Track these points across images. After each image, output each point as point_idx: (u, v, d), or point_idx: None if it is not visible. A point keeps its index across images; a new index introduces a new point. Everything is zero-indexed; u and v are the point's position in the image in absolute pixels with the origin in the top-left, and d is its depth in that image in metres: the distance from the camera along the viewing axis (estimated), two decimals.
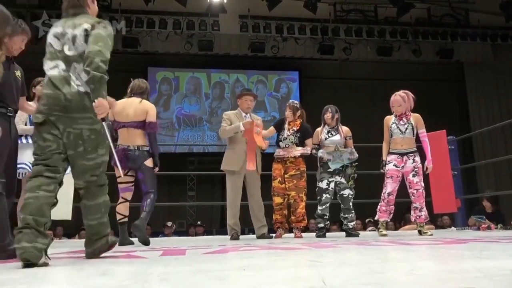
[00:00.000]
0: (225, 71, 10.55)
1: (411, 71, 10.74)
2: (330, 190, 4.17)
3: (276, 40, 9.32)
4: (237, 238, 4.03)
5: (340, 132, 4.25)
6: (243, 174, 4.12)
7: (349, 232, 4.13)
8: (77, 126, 2.02)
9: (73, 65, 2.07)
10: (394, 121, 4.16)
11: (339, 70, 10.72)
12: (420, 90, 10.83)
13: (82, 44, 2.08)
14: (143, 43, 8.97)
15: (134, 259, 2.21)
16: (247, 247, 2.83)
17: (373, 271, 1.49)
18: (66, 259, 2.34)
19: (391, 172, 4.06)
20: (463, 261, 1.74)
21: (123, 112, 3.58)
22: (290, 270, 1.65)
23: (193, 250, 2.69)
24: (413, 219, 4.11)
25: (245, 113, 4.28)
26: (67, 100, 2.02)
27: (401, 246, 2.66)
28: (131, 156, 3.50)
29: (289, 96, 10.65)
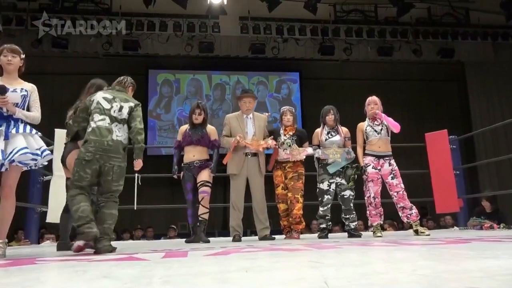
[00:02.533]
0: (225, 73, 10.56)
1: (412, 71, 10.74)
2: (331, 191, 4.17)
3: (277, 41, 9.33)
4: (239, 239, 4.03)
5: (340, 133, 4.25)
6: (245, 176, 4.12)
7: (351, 232, 4.12)
8: (112, 162, 2.90)
9: (115, 122, 3.00)
10: (369, 124, 4.15)
11: (339, 71, 10.72)
12: (421, 90, 10.96)
13: (126, 114, 3.05)
14: (144, 46, 8.98)
15: (136, 261, 2.21)
16: (249, 248, 2.82)
17: (376, 272, 1.48)
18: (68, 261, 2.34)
19: (371, 175, 4.05)
20: (466, 261, 1.74)
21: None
22: (292, 271, 1.65)
23: (195, 252, 2.69)
24: (404, 219, 4.08)
25: (246, 114, 4.29)
26: (109, 144, 2.92)
27: (404, 247, 2.65)
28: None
29: (290, 97, 10.66)
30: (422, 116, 10.46)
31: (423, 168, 5.74)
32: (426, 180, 5.54)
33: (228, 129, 4.26)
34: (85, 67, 9.57)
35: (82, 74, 9.53)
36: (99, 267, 1.98)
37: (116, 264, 2.09)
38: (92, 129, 2.96)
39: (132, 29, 8.62)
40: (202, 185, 4.03)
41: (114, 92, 3.14)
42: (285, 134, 4.23)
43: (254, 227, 4.25)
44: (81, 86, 3.49)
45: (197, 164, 4.03)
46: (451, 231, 5.21)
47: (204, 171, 4.06)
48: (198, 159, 4.06)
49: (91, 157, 2.88)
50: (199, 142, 4.09)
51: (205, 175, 4.05)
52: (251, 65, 10.42)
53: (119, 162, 2.93)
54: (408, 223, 4.17)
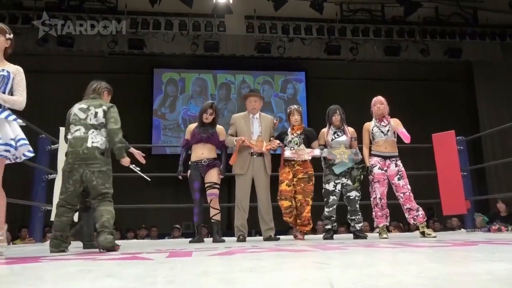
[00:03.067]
0: (231, 72, 10.57)
1: (419, 71, 10.70)
2: (336, 192, 4.15)
3: (282, 40, 9.32)
4: (244, 240, 4.03)
5: (346, 133, 4.23)
6: (250, 176, 4.12)
7: (357, 234, 4.11)
8: (91, 169, 3.04)
9: (91, 129, 3.13)
10: (375, 125, 4.12)
11: (345, 71, 10.70)
12: (428, 90, 10.91)
13: (102, 118, 3.17)
14: (149, 45, 9.01)
15: (140, 260, 2.22)
16: (254, 249, 2.82)
17: (381, 274, 1.48)
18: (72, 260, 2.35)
19: (378, 176, 4.02)
20: (473, 264, 1.72)
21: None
22: (297, 272, 1.64)
23: (199, 252, 2.69)
24: (410, 221, 4.05)
25: (252, 114, 4.28)
26: (84, 153, 3.06)
27: (410, 248, 2.64)
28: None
29: (295, 96, 10.65)
30: (429, 117, 10.41)
31: (430, 169, 5.71)
32: (433, 181, 5.51)
33: (234, 129, 4.26)
34: (91, 66, 9.63)
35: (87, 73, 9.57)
36: (103, 266, 1.99)
37: (120, 263, 2.09)
38: (69, 141, 3.16)
39: (138, 28, 8.65)
40: (210, 187, 4.04)
41: (89, 101, 3.27)
42: (292, 133, 4.22)
43: (259, 227, 4.24)
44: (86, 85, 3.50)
45: (205, 163, 4.06)
46: (458, 233, 5.18)
47: (212, 171, 4.07)
48: (207, 157, 4.09)
49: (70, 168, 3.06)
50: (209, 139, 4.12)
51: (214, 176, 4.07)
52: (256, 64, 10.43)
53: (99, 167, 3.05)
54: (414, 224, 4.15)
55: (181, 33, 8.90)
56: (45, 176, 4.82)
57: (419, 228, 4.01)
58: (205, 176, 4.08)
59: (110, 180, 3.12)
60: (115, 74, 9.68)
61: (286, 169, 4.17)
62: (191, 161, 4.14)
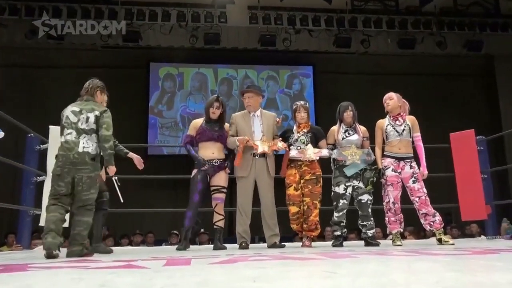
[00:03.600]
0: (233, 67, 10.58)
1: (435, 65, 10.66)
2: (347, 195, 4.14)
3: (288, 32, 9.32)
4: (246, 247, 4.03)
5: (358, 132, 4.22)
6: (252, 178, 4.12)
7: (369, 241, 4.10)
8: (80, 174, 3.24)
9: (83, 134, 3.31)
10: (389, 123, 4.10)
11: (356, 65, 10.68)
12: (445, 86, 10.87)
13: (93, 123, 3.34)
14: (145, 37, 9.03)
15: (135, 269, 2.22)
16: (257, 256, 2.82)
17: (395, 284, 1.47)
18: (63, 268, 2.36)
19: (391, 179, 4.01)
20: (494, 273, 1.72)
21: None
22: (304, 282, 1.64)
23: (199, 259, 2.69)
24: (427, 227, 4.04)
25: (252, 112, 4.28)
26: (75, 157, 3.26)
27: (426, 257, 2.63)
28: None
29: (302, 93, 10.65)
30: (446, 115, 10.37)
31: (447, 171, 5.69)
32: (451, 184, 5.49)
33: (235, 128, 4.25)
34: (82, 60, 9.67)
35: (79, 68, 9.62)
36: (95, 275, 1.99)
37: (113, 272, 2.10)
38: (61, 144, 3.36)
39: (133, 19, 8.68)
40: (218, 190, 4.05)
41: (82, 103, 3.44)
42: (298, 131, 4.22)
43: (262, 233, 4.24)
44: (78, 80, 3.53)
45: (216, 164, 4.05)
46: (478, 240, 5.16)
47: (221, 173, 4.08)
48: (218, 158, 4.08)
49: (59, 171, 3.27)
50: (220, 138, 4.11)
51: (222, 179, 4.08)
52: (260, 58, 10.43)
53: (88, 172, 3.28)
54: (431, 231, 4.14)
55: (179, 25, 8.92)
56: (34, 178, 4.83)
57: (436, 234, 4.00)
58: (212, 178, 4.08)
59: (96, 186, 3.34)
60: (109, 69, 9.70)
61: (292, 171, 4.16)
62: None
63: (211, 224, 4.18)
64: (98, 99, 3.54)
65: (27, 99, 9.58)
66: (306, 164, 4.11)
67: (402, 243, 4.05)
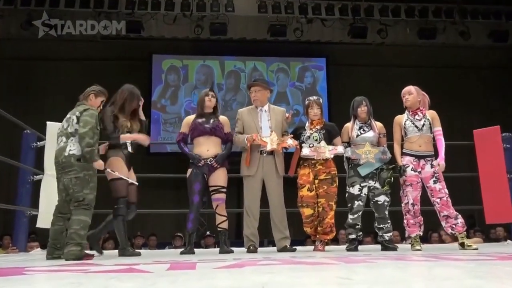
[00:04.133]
0: (240, 59, 10.58)
1: (458, 56, 10.58)
2: (362, 196, 4.13)
3: (300, 22, 9.29)
4: (254, 251, 4.03)
5: (373, 128, 4.20)
6: (260, 177, 4.11)
7: (386, 244, 4.09)
8: (68, 176, 3.45)
9: (70, 137, 3.52)
10: (408, 118, 4.08)
11: (373, 56, 10.63)
12: (469, 79, 10.79)
13: (75, 124, 3.53)
14: (147, 27, 9.06)
15: (137, 273, 2.23)
16: (266, 261, 2.82)
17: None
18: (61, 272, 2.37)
19: (410, 178, 3.98)
20: None
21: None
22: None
23: (204, 264, 2.70)
24: (448, 230, 4.02)
25: (260, 107, 4.27)
26: (63, 162, 3.48)
27: (447, 262, 2.62)
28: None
29: (314, 86, 10.62)
30: (470, 110, 10.30)
31: (470, 171, 5.65)
32: (474, 184, 5.45)
33: (241, 124, 4.25)
34: (81, 52, 9.72)
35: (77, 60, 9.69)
36: (95, 279, 2.01)
37: (114, 276, 2.11)
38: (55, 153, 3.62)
39: (134, 9, 8.71)
40: (217, 191, 4.04)
41: (74, 109, 3.66)
42: (311, 128, 4.20)
43: (271, 236, 4.24)
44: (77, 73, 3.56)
45: (211, 162, 4.03)
46: (504, 245, 5.12)
47: (219, 172, 4.05)
48: (214, 154, 4.04)
49: (56, 178, 3.58)
50: (214, 131, 4.06)
51: (221, 178, 4.05)
52: (269, 49, 10.41)
53: (75, 173, 3.44)
54: (452, 234, 4.12)
55: (184, 14, 8.93)
56: (31, 177, 4.87)
57: (458, 238, 3.98)
58: (209, 177, 4.06)
59: (90, 185, 3.46)
60: (109, 61, 9.77)
61: (305, 170, 4.14)
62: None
63: (214, 226, 4.18)
64: (92, 102, 3.68)
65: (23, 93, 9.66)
66: (320, 162, 4.10)
67: (422, 248, 4.03)
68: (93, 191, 3.47)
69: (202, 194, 4.08)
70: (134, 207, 3.92)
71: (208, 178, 4.06)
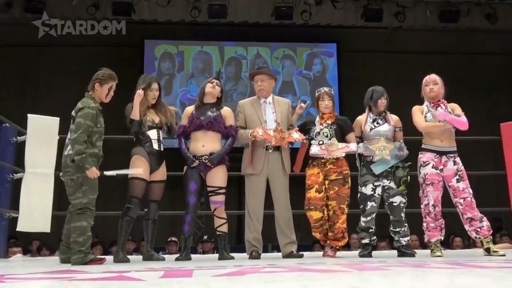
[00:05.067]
0: (242, 44, 10.57)
1: (484, 42, 10.54)
2: (376, 197, 4.12)
3: (308, 3, 9.26)
4: (257, 257, 4.04)
5: (389, 121, 4.19)
6: (265, 176, 4.11)
7: (402, 250, 4.09)
8: (65, 177, 3.65)
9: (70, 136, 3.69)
10: (430, 109, 4.05)
11: (389, 42, 10.61)
12: (496, 67, 10.76)
13: (72, 124, 3.69)
14: (139, 10, 9.04)
15: (128, 281, 2.24)
16: (270, 268, 2.82)
17: None
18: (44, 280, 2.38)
19: (431, 177, 3.97)
20: None
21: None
22: None
23: (202, 271, 2.70)
24: (472, 234, 4.01)
25: (263, 98, 4.26)
26: (63, 161, 3.68)
27: (471, 270, 2.62)
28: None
29: (324, 75, 10.61)
30: (496, 101, 10.28)
31: (497, 169, 5.64)
32: (501, 184, 5.44)
33: (243, 118, 4.23)
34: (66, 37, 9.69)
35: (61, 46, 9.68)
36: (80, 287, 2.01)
37: (103, 285, 2.12)
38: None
39: None
40: (215, 192, 4.04)
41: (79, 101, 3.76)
42: (321, 123, 4.19)
43: (276, 241, 4.25)
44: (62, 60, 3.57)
45: (206, 160, 4.01)
46: None
47: (218, 170, 4.02)
48: (210, 151, 4.00)
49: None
50: (211, 125, 4.02)
51: (219, 177, 4.03)
52: (274, 34, 10.39)
53: (70, 175, 3.60)
54: (477, 239, 4.11)
55: None
56: (10, 175, 4.88)
57: (483, 243, 3.97)
58: (206, 177, 4.06)
59: (83, 189, 3.57)
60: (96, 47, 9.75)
61: (314, 170, 4.13)
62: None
63: (213, 230, 4.18)
64: (97, 93, 3.74)
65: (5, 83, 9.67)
66: (331, 161, 4.09)
67: (443, 254, 4.03)
68: (87, 194, 3.56)
69: (199, 194, 4.08)
70: (155, 205, 4.08)
71: (205, 177, 4.06)
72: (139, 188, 3.91)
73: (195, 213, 4.10)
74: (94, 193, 3.59)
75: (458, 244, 7.11)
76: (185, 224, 4.04)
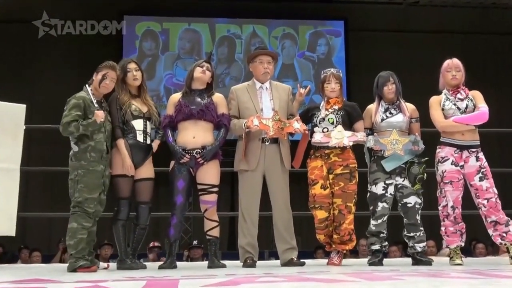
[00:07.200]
0: (236, 21, 10.54)
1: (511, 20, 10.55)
2: (388, 197, 4.13)
3: None
4: (252, 264, 4.04)
5: (403, 110, 4.19)
6: (261, 172, 4.11)
7: (417, 257, 4.11)
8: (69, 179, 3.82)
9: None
10: (448, 97, 4.06)
11: (403, 19, 10.61)
12: None
13: None
14: None
15: None
16: (267, 277, 2.83)
17: None
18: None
19: (450, 174, 3.98)
20: None
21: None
22: None
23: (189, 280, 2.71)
24: (497, 239, 4.02)
25: (261, 83, 4.25)
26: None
27: (493, 280, 2.64)
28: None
29: (329, 57, 10.61)
30: None
31: None
32: None
33: (236, 106, 4.21)
34: (32, 13, 9.63)
35: (25, 22, 9.63)
36: None
37: None
38: None
39: None
40: (206, 191, 4.03)
41: None
42: (327, 108, 4.18)
43: (274, 247, 4.26)
44: (28, 38, 3.57)
45: (197, 154, 3.99)
46: None
47: (209, 166, 4.00)
48: (202, 144, 3.97)
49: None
50: (202, 114, 3.99)
51: (212, 174, 4.02)
52: (273, 10, 10.39)
53: (70, 174, 3.80)
54: (503, 245, 4.14)
55: None
56: None
57: (509, 250, 4.00)
58: (197, 173, 4.05)
59: (78, 187, 3.72)
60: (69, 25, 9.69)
61: (317, 162, 4.11)
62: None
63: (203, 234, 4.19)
64: (94, 82, 3.91)
65: None
66: (336, 153, 4.08)
67: (463, 262, 4.05)
68: (82, 192, 3.69)
69: (188, 193, 4.08)
70: (145, 209, 4.01)
71: (195, 173, 4.06)
72: (125, 185, 3.90)
73: (182, 214, 4.09)
74: (91, 192, 3.68)
75: (481, 251, 7.15)
76: (170, 227, 4.04)
